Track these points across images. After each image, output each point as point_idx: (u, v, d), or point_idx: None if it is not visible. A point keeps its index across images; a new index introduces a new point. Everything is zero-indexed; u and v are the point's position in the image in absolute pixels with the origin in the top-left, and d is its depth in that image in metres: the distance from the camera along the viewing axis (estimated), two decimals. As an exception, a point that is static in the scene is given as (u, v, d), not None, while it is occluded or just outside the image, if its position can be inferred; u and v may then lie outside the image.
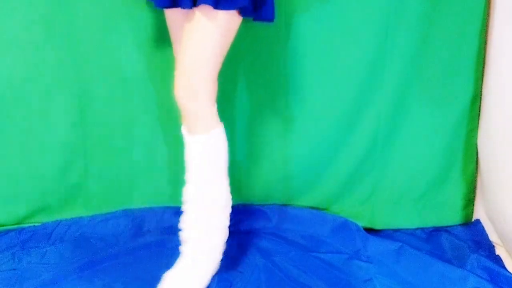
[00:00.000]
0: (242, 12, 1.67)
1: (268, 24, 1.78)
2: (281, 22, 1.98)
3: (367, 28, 1.98)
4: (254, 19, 1.73)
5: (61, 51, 2.00)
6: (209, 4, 1.59)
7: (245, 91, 2.09)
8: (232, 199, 1.86)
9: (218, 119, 1.74)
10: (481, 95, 2.08)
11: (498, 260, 1.96)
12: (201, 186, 1.74)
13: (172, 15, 1.79)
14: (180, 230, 1.78)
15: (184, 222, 1.76)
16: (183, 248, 1.78)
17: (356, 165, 2.15)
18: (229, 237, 2.01)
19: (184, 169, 1.94)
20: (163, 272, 1.88)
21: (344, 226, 2.11)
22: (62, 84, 2.04)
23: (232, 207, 1.95)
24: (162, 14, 1.93)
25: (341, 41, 2.01)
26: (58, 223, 2.14)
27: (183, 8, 1.62)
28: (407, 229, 2.17)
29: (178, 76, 1.71)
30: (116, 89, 2.06)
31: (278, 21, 1.97)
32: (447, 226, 2.19)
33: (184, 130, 1.75)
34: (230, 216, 2.01)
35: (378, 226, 2.18)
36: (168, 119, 2.08)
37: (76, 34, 1.99)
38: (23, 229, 2.12)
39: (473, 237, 2.11)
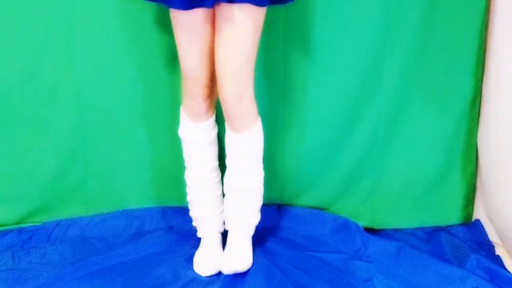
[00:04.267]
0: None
1: (284, 6, 1.80)
2: (280, 21, 1.98)
3: (367, 28, 1.98)
4: (273, 3, 1.70)
5: (61, 52, 2.00)
6: (251, 3, 1.59)
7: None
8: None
9: (257, 113, 1.82)
10: (481, 95, 2.08)
11: (498, 260, 1.96)
12: (243, 175, 1.85)
13: (193, 17, 1.66)
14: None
15: (229, 205, 1.91)
16: (229, 228, 1.94)
17: (356, 165, 2.15)
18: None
19: (184, 169, 1.95)
20: (163, 272, 1.88)
21: (344, 226, 2.11)
22: (62, 85, 2.04)
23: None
24: (164, 16, 1.93)
25: (341, 41, 2.00)
26: (58, 223, 2.14)
27: (228, 2, 1.58)
28: (407, 229, 2.17)
29: (225, 81, 1.70)
30: (116, 89, 2.06)
31: (278, 21, 1.97)
32: (447, 226, 2.19)
33: (228, 128, 1.81)
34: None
35: (378, 226, 2.18)
36: (169, 119, 2.07)
37: (76, 35, 1.98)
38: (23, 229, 2.12)
39: (473, 237, 2.11)
